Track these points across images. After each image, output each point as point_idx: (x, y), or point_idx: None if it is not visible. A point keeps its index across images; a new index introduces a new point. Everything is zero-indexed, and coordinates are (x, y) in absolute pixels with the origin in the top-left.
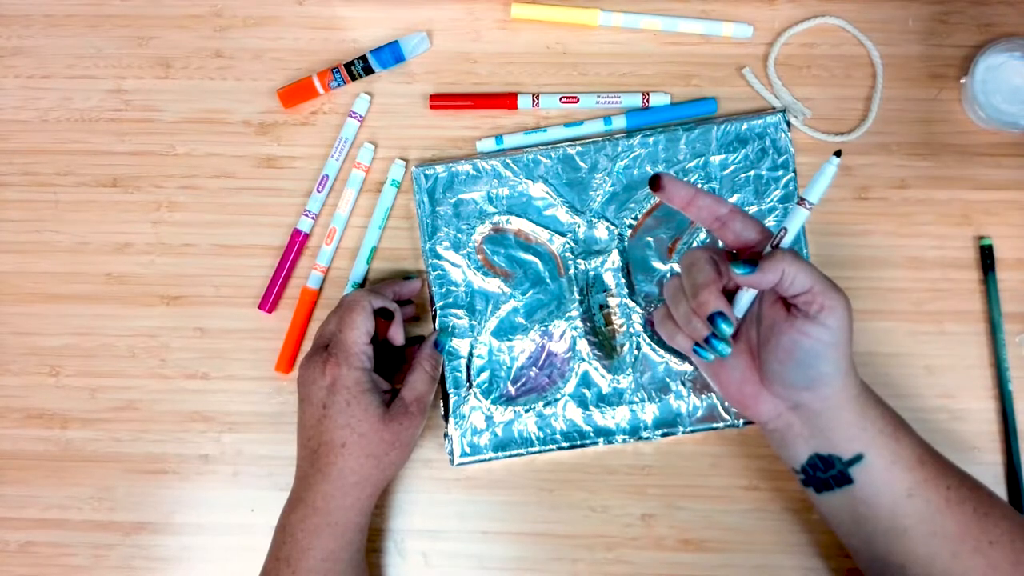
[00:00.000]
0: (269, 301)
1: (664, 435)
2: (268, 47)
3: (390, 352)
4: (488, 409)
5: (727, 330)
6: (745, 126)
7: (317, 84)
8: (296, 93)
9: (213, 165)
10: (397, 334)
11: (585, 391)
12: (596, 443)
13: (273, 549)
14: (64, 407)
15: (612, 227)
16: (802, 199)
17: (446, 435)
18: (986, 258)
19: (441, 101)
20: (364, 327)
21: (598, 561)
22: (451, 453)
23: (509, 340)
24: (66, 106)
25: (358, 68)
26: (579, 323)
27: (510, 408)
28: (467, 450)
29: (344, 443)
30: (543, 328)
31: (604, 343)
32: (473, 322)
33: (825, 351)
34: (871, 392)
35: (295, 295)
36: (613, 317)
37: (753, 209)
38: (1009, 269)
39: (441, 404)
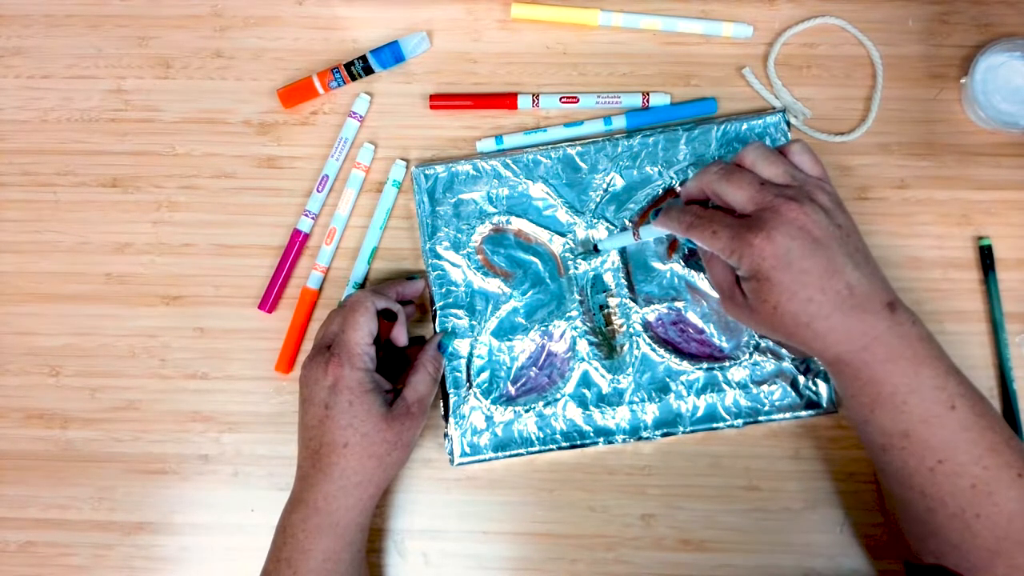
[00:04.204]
0: (269, 301)
1: (664, 435)
2: (268, 47)
3: (392, 352)
4: (488, 409)
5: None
6: (745, 126)
7: (317, 84)
8: (296, 93)
9: (213, 165)
10: (400, 335)
11: (585, 391)
12: (596, 443)
13: (274, 550)
14: (64, 407)
15: (612, 227)
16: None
17: (446, 435)
18: (986, 258)
19: (441, 101)
20: (367, 327)
21: (598, 561)
22: (451, 453)
23: (509, 340)
24: (66, 106)
25: (358, 68)
26: (579, 323)
27: (510, 408)
28: (467, 450)
29: (346, 443)
30: (543, 328)
31: (604, 343)
32: (473, 322)
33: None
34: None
35: (295, 295)
36: (613, 317)
37: None
38: (1009, 269)
39: (441, 404)
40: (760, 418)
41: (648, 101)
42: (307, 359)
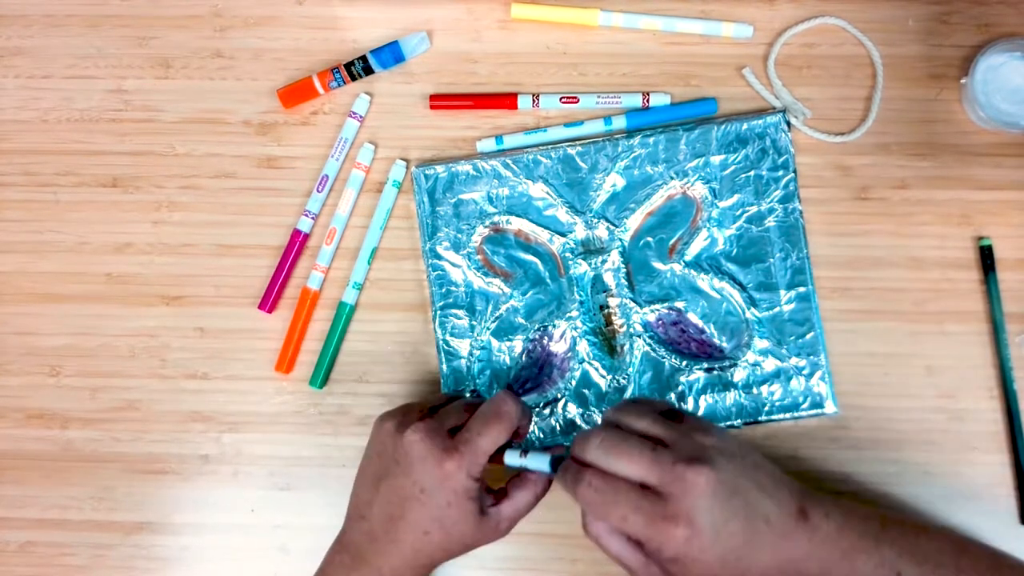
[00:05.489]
0: (269, 301)
1: None
2: (268, 47)
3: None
4: None
5: None
6: (745, 126)
7: (317, 84)
8: (296, 93)
9: (213, 165)
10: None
11: (585, 391)
12: None
13: None
14: (64, 407)
15: (612, 227)
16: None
17: None
18: (986, 258)
19: (441, 101)
20: (499, 441)
21: (598, 561)
22: None
23: (509, 340)
24: (66, 106)
25: (358, 68)
26: (579, 323)
27: None
28: None
29: (428, 532)
30: (543, 328)
31: (604, 343)
32: (473, 322)
33: None
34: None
35: (295, 295)
36: (613, 317)
37: (753, 209)
38: (1009, 269)
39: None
40: (760, 418)
41: (648, 101)
42: (420, 424)
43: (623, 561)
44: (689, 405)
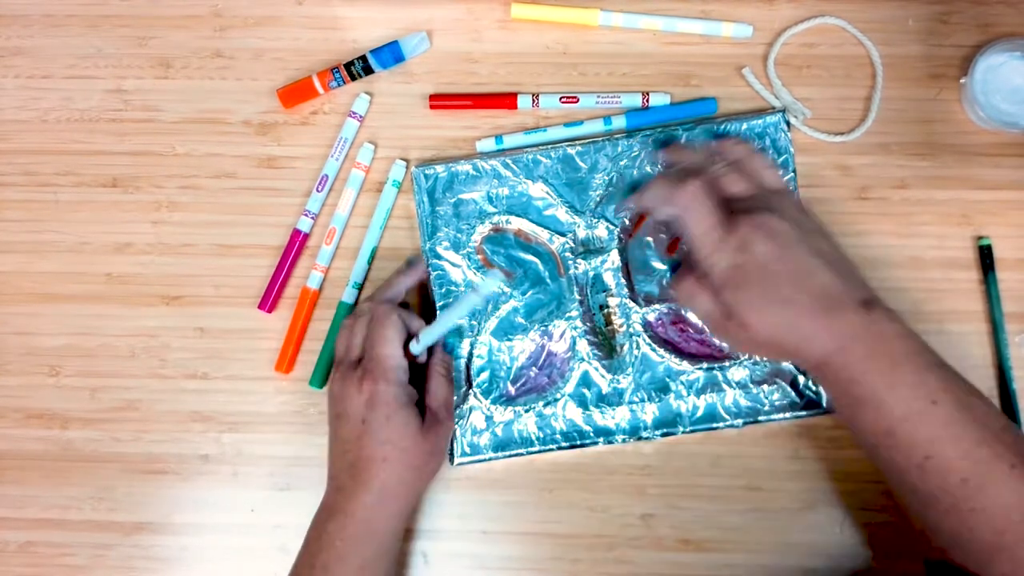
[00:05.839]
0: (269, 301)
1: (664, 435)
2: (268, 47)
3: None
4: (488, 409)
5: None
6: (745, 126)
7: (317, 84)
8: (296, 93)
9: (213, 165)
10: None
11: (585, 391)
12: (596, 443)
13: (306, 556)
14: (64, 407)
15: (612, 227)
16: None
17: None
18: (985, 258)
19: (441, 101)
20: (398, 340)
21: (598, 561)
22: (451, 453)
23: (509, 340)
24: (66, 106)
25: (358, 68)
26: (579, 323)
27: (510, 408)
28: (467, 450)
29: (386, 457)
30: (543, 328)
31: (604, 343)
32: (473, 322)
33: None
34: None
35: (295, 295)
36: (613, 317)
37: None
38: (1009, 269)
39: None
40: (760, 418)
41: (648, 101)
42: (336, 375)
43: (706, 309)
44: (689, 405)
